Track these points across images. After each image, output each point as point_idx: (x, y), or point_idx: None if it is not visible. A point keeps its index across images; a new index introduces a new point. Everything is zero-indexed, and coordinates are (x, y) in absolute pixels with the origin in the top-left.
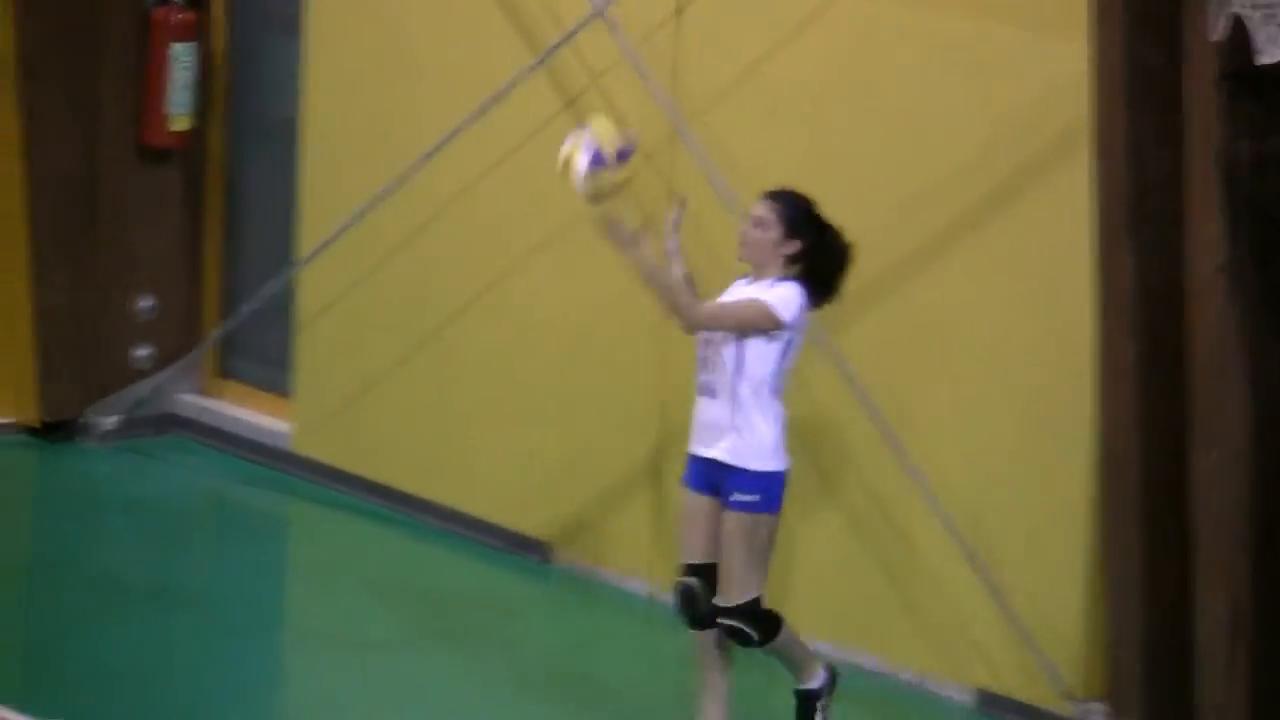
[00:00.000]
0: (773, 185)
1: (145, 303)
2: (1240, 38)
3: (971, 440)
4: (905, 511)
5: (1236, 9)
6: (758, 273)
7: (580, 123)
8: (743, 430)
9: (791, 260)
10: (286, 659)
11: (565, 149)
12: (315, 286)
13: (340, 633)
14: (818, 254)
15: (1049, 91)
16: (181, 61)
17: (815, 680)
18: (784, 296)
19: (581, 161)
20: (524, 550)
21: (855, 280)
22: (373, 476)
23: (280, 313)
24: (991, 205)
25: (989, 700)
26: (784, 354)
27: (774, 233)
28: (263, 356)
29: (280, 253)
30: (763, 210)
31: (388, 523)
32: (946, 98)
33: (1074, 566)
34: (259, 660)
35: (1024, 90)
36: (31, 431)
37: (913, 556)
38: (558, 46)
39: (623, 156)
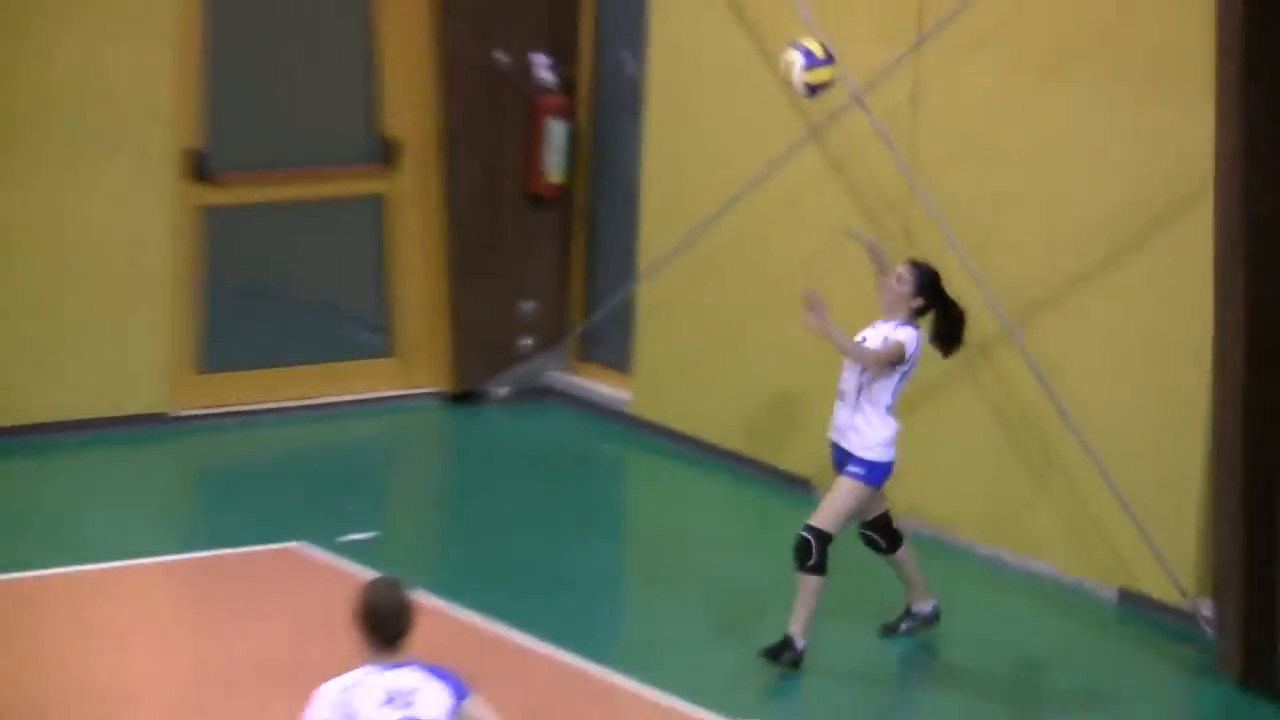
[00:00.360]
0: (924, 253)
1: (528, 305)
2: None
3: (1117, 406)
4: (1070, 456)
5: None
6: (888, 315)
7: (792, 39)
8: (861, 430)
9: (915, 313)
10: (627, 579)
11: (785, 55)
12: (650, 295)
13: (665, 543)
14: (937, 315)
15: (1191, 154)
16: (555, 132)
17: (800, 640)
18: (910, 337)
19: (799, 61)
20: (789, 483)
21: (1042, 290)
22: (689, 432)
23: (624, 314)
24: (1142, 238)
25: (1127, 596)
26: (900, 380)
27: (907, 289)
28: (611, 344)
29: (625, 271)
30: (904, 272)
31: (701, 466)
32: (1114, 157)
33: (1191, 495)
34: (603, 566)
35: (1171, 151)
36: (449, 398)
37: (1075, 485)
38: (823, 123)
39: (829, 60)
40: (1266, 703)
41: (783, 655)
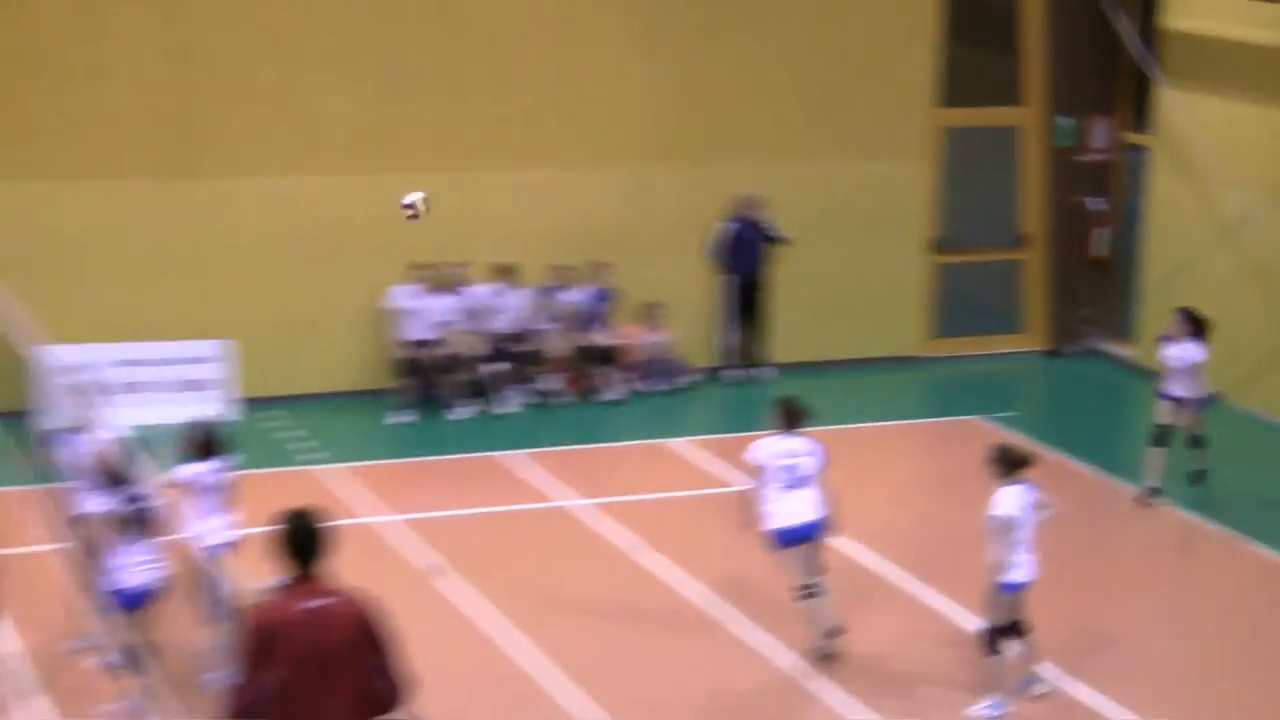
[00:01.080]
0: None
1: (1086, 311)
2: None
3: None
4: None
5: None
6: (1176, 338)
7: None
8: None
9: (1192, 334)
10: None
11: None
12: (1143, 309)
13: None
14: (1199, 327)
15: None
16: (1101, 235)
17: (1160, 484)
18: (1201, 354)
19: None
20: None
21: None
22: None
23: (1130, 316)
24: None
25: None
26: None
27: (1179, 325)
28: (1124, 329)
29: (1134, 294)
30: (1177, 316)
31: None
32: None
33: None
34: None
35: None
36: (1045, 353)
37: None
38: (1233, 224)
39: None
40: None
41: (1164, 492)
